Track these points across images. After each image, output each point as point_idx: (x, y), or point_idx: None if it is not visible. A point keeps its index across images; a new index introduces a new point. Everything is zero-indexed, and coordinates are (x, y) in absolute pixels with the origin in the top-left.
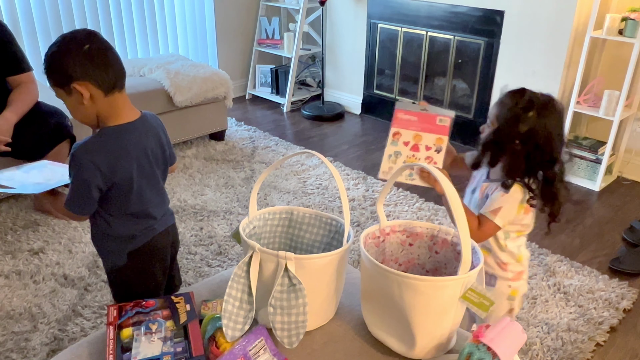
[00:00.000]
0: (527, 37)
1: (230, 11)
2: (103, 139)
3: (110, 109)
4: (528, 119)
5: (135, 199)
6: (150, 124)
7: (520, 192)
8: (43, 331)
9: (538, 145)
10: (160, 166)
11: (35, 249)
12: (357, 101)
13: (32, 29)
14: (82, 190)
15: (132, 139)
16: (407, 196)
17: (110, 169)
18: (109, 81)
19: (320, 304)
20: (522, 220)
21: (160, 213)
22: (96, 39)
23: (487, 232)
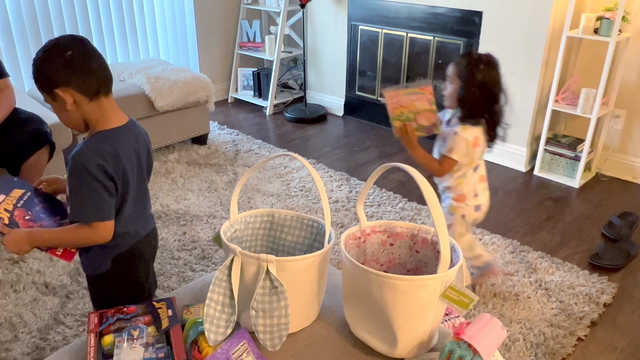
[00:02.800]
0: (505, 37)
1: (210, 15)
2: (99, 143)
3: (97, 113)
4: (481, 71)
5: (130, 203)
6: (138, 129)
7: (471, 131)
8: (24, 340)
9: (489, 90)
10: (147, 172)
11: (15, 257)
12: (340, 103)
13: (9, 35)
14: (90, 194)
15: (124, 142)
16: (390, 197)
17: (115, 169)
18: (92, 87)
19: (303, 305)
20: (473, 153)
21: (146, 217)
22: (80, 45)
23: (447, 167)
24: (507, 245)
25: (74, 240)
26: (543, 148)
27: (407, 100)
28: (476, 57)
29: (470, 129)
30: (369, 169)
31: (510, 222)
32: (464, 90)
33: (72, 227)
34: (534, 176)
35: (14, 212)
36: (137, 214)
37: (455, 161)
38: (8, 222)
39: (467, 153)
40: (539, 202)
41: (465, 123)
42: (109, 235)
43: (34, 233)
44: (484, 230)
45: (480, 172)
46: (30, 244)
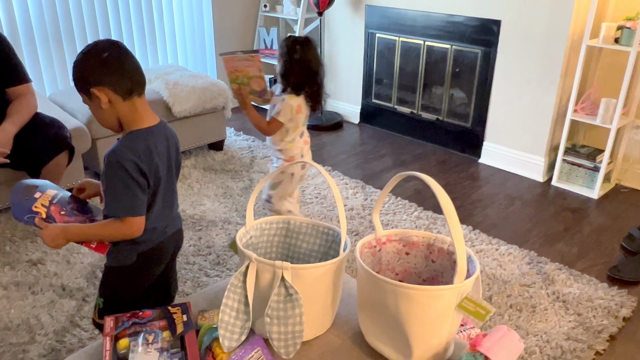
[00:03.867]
0: (524, 46)
1: (228, 22)
2: (133, 141)
3: (131, 113)
4: (297, 51)
5: (159, 201)
6: (169, 130)
7: (295, 99)
8: (41, 342)
9: (307, 66)
10: (175, 171)
11: (34, 259)
12: (356, 110)
13: (32, 41)
14: (125, 190)
15: (158, 141)
16: (406, 205)
17: (148, 167)
18: (125, 87)
19: (317, 313)
20: (296, 118)
21: (174, 216)
22: (116, 48)
23: (274, 128)
24: (524, 256)
25: (108, 234)
26: (561, 158)
27: (241, 65)
28: (294, 39)
29: (295, 98)
30: (385, 177)
31: (527, 233)
32: (284, 68)
33: (106, 222)
34: (552, 186)
35: (50, 207)
36: (165, 211)
37: (281, 123)
38: (45, 216)
39: (292, 118)
40: (557, 213)
41: (291, 93)
42: (140, 230)
43: (70, 227)
44: (500, 241)
45: (305, 138)
46: (66, 238)
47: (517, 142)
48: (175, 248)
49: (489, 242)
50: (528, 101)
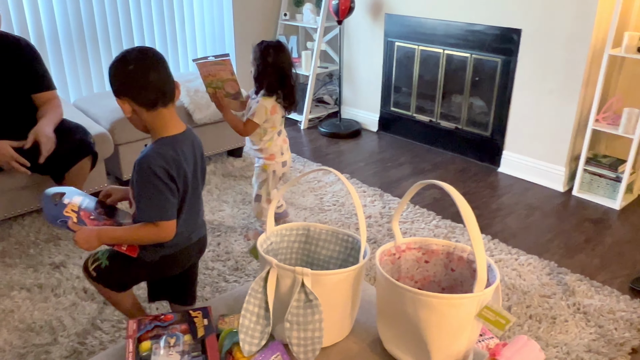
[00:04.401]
0: (544, 55)
1: (249, 30)
2: (161, 148)
3: (157, 122)
4: (270, 55)
5: (187, 206)
6: (194, 137)
7: (269, 100)
8: (63, 344)
9: (280, 69)
10: (201, 177)
11: (57, 262)
12: (374, 118)
13: (58, 49)
14: (156, 195)
15: (185, 148)
16: (424, 214)
17: (177, 173)
18: (148, 100)
19: (337, 320)
20: (272, 119)
21: (199, 222)
22: (143, 59)
23: (250, 129)
24: (544, 267)
25: (140, 238)
26: (582, 168)
27: (214, 69)
28: (266, 44)
29: (269, 99)
30: (403, 185)
31: (547, 243)
32: (258, 71)
33: (138, 226)
34: (573, 196)
35: (80, 212)
36: (191, 217)
37: (256, 124)
38: (76, 221)
39: (268, 119)
40: (578, 224)
41: (265, 95)
42: (172, 234)
43: (103, 230)
44: (520, 251)
45: (283, 136)
46: (99, 240)
47: (538, 152)
48: (197, 255)
49: (508, 252)
50: (548, 110)
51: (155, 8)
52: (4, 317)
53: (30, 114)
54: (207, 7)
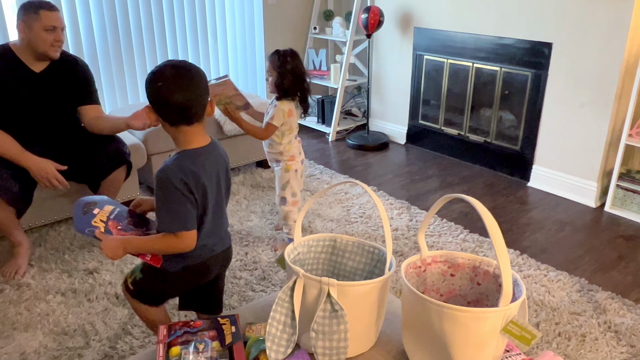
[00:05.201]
0: (576, 69)
1: (279, 44)
2: (182, 161)
3: (179, 136)
4: (288, 62)
5: (209, 219)
6: (219, 151)
7: (286, 104)
8: (95, 348)
9: (297, 75)
10: (225, 190)
11: (90, 268)
12: (402, 131)
13: (96, 62)
14: (176, 206)
15: (206, 162)
16: (452, 227)
17: (195, 186)
18: (170, 118)
19: (362, 331)
20: (289, 122)
21: (222, 235)
22: (175, 78)
23: (270, 131)
24: (574, 284)
25: (162, 248)
26: (615, 184)
27: (219, 90)
28: (283, 52)
29: (286, 103)
30: (430, 198)
31: (577, 260)
32: (281, 78)
33: (160, 236)
34: (605, 212)
35: (108, 222)
36: (214, 229)
37: (275, 126)
38: (103, 230)
39: (286, 122)
40: (610, 240)
41: (282, 99)
42: (193, 244)
43: (128, 240)
44: (549, 267)
45: (298, 138)
46: (124, 250)
47: (569, 166)
48: (223, 266)
49: (537, 268)
50: (580, 125)
51: (188, 21)
52: (40, 320)
53: (73, 127)
54: (239, 20)
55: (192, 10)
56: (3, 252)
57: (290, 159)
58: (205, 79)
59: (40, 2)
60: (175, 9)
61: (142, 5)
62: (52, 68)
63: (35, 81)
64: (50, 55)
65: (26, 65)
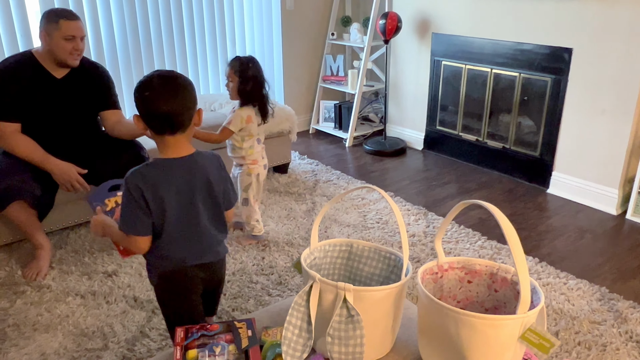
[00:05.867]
0: (597, 74)
1: (296, 50)
2: (147, 169)
3: (159, 144)
4: (250, 68)
5: (170, 230)
6: (198, 164)
7: (245, 110)
8: (113, 350)
9: (258, 82)
10: (206, 205)
11: (109, 271)
12: (420, 137)
13: (117, 68)
14: (129, 210)
15: (176, 173)
16: (469, 234)
17: (152, 195)
18: (155, 127)
19: (378, 336)
20: (248, 128)
21: (197, 249)
22: (162, 87)
23: (225, 135)
24: (595, 292)
25: (124, 244)
26: (637, 191)
27: None
28: (244, 59)
29: (245, 109)
30: (448, 204)
31: (598, 268)
32: (242, 84)
33: (123, 233)
34: (627, 220)
35: (117, 207)
36: (181, 242)
37: (231, 131)
38: (108, 210)
39: (244, 128)
40: (632, 248)
41: (242, 105)
42: (144, 248)
43: (110, 226)
44: (569, 275)
45: (261, 144)
46: (103, 230)
47: (589, 173)
48: (209, 280)
49: (556, 276)
50: (601, 131)
51: (207, 27)
52: (60, 321)
53: (94, 132)
54: (257, 26)
55: (212, 16)
56: (25, 254)
57: (252, 163)
58: (193, 89)
59: (62, 11)
60: (195, 15)
61: (162, 12)
62: (73, 74)
63: (57, 87)
64: (69, 63)
65: (48, 72)
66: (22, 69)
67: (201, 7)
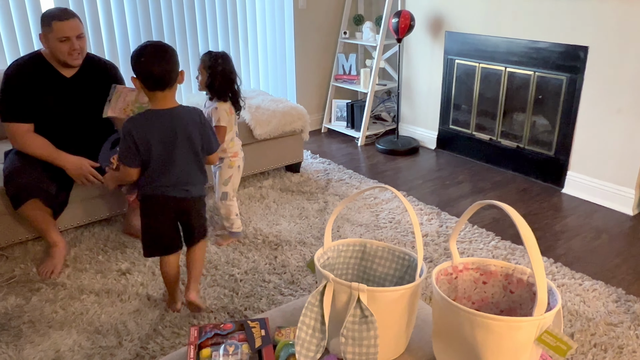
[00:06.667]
0: (613, 73)
1: (309, 48)
2: (140, 117)
3: (152, 98)
4: (219, 64)
5: (154, 164)
6: (180, 115)
7: (224, 105)
8: (127, 347)
9: (226, 77)
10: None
11: (123, 269)
12: (432, 136)
13: None
14: (125, 146)
15: (160, 121)
16: (483, 234)
17: (139, 137)
18: (149, 85)
19: (391, 337)
20: (230, 120)
21: (177, 182)
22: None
23: (223, 133)
24: (611, 294)
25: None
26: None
27: (121, 102)
28: (215, 54)
29: (224, 104)
30: (461, 204)
31: (614, 269)
32: (211, 78)
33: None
34: None
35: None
36: (164, 174)
37: (225, 127)
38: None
39: (229, 120)
40: None
41: (218, 100)
42: (132, 176)
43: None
44: (584, 276)
45: (238, 136)
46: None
47: (605, 173)
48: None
49: (571, 277)
50: (618, 130)
51: (220, 25)
52: (74, 319)
53: (106, 130)
54: (269, 25)
55: (224, 14)
56: (40, 251)
57: (233, 156)
58: (177, 55)
59: (55, 12)
60: (208, 14)
61: (175, 11)
62: (82, 73)
63: (67, 86)
64: (70, 64)
65: (57, 71)
66: (33, 70)
67: (214, 6)
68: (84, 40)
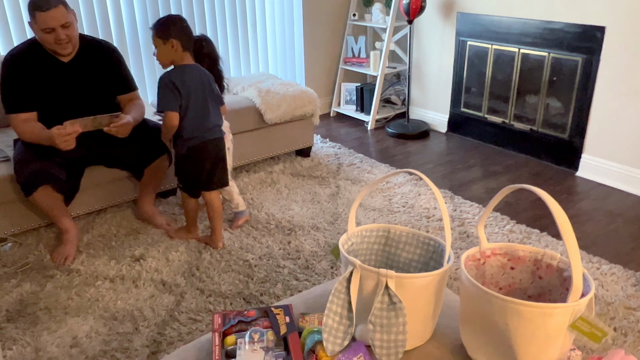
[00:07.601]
0: (631, 54)
1: (318, 31)
2: (176, 70)
3: (181, 58)
4: (204, 47)
5: (192, 113)
6: (200, 70)
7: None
8: (144, 333)
9: (213, 59)
10: (210, 97)
11: (137, 255)
12: (443, 119)
13: (138, 52)
14: (165, 94)
15: (190, 73)
16: (497, 218)
17: (180, 84)
18: (188, 45)
19: (418, 323)
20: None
21: (210, 127)
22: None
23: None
24: (629, 277)
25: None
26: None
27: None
28: (198, 38)
29: None
30: (474, 187)
31: (632, 252)
32: (198, 61)
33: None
34: None
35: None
36: (199, 122)
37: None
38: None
39: None
40: None
41: None
42: (174, 122)
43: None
44: (601, 259)
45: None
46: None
47: (621, 156)
48: (218, 151)
49: (588, 260)
50: (634, 112)
51: (228, 11)
52: (90, 305)
53: None
54: (278, 7)
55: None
56: (53, 238)
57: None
58: None
59: (37, 1)
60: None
61: None
62: (79, 57)
63: (66, 71)
64: (60, 53)
65: (54, 57)
66: (30, 57)
67: None
68: (72, 28)
